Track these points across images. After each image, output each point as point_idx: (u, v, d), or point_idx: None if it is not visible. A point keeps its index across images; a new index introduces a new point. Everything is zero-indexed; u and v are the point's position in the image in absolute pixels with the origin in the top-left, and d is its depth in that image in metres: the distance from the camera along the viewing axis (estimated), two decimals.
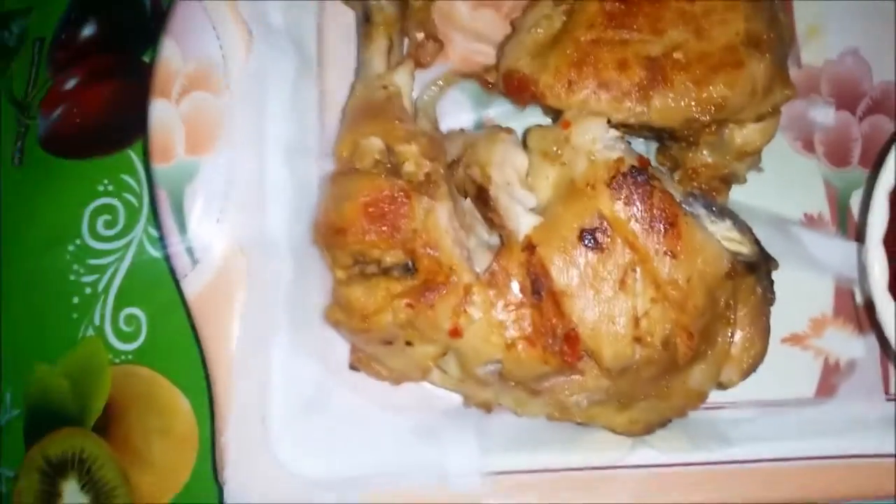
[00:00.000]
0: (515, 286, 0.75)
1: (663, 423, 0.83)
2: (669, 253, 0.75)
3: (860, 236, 0.82)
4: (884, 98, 0.92)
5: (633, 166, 0.75)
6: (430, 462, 0.81)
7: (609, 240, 0.75)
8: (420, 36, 0.90)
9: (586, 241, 0.75)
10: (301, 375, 0.83)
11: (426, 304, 0.74)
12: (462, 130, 0.89)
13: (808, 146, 0.91)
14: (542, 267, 0.75)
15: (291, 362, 0.83)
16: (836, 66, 0.93)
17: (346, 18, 0.91)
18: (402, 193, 0.76)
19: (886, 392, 0.85)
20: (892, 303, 0.74)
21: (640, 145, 0.89)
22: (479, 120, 0.91)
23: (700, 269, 0.75)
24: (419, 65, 0.90)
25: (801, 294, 0.87)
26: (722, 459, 0.82)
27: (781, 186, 0.90)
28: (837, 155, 0.91)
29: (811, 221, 0.89)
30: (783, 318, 0.87)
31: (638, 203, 0.75)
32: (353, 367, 0.84)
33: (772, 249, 0.84)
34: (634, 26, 0.78)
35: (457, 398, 0.84)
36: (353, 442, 0.83)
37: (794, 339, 0.89)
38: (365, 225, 0.76)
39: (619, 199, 0.75)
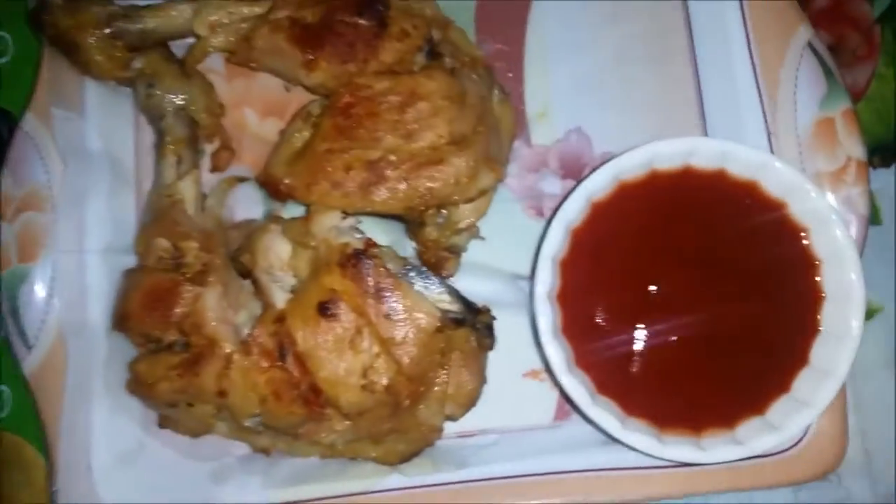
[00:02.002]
0: (267, 352, 0.94)
1: (416, 452, 1.01)
2: (387, 317, 0.93)
3: None
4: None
5: (356, 249, 0.94)
6: (220, 499, 1.00)
7: (341, 309, 0.93)
8: (215, 145, 1.10)
9: (323, 312, 0.93)
10: (120, 433, 1.02)
11: (193, 373, 0.94)
12: (251, 221, 1.09)
13: (540, 212, 1.09)
14: (288, 335, 0.94)
15: (111, 422, 1.02)
16: (563, 143, 1.11)
17: None
18: (174, 285, 0.96)
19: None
20: (556, 345, 0.92)
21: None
22: (268, 211, 1.10)
23: (415, 326, 0.93)
24: (216, 169, 1.10)
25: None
26: (457, 480, 1.00)
27: (515, 248, 1.07)
28: None
29: None
30: (523, 356, 1.06)
31: (361, 278, 0.93)
32: (161, 425, 1.03)
33: (507, 300, 1.03)
34: (357, 136, 0.96)
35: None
36: (164, 487, 1.02)
37: (533, 374, 1.07)
38: (143, 313, 0.95)
39: (346, 276, 0.94)
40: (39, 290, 1.02)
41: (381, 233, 1.07)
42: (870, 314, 1.12)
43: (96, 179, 1.06)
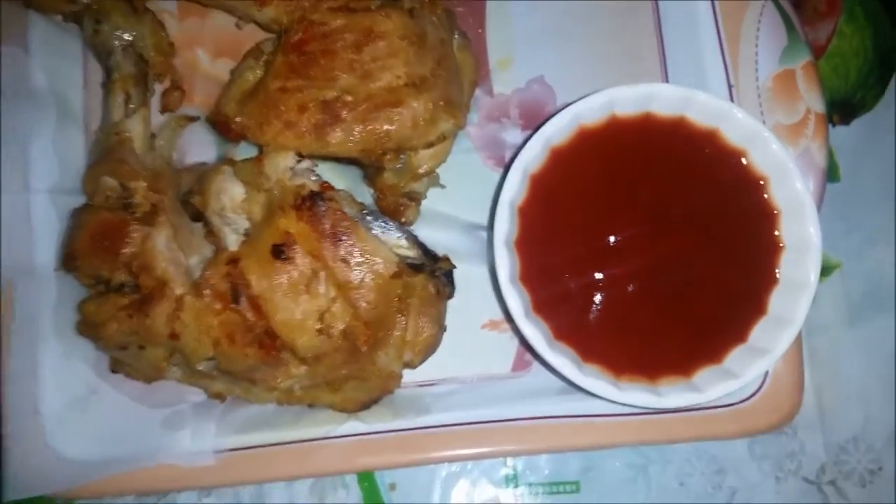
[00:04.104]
0: (220, 294, 0.92)
1: (375, 400, 1.00)
2: (344, 260, 0.91)
3: None
4: None
5: (312, 191, 0.92)
6: (173, 445, 0.98)
7: (296, 252, 0.91)
8: (165, 85, 1.07)
9: (278, 254, 0.91)
10: (72, 377, 0.99)
11: (143, 313, 0.91)
12: (203, 164, 1.05)
13: (500, 163, 1.08)
14: (242, 276, 0.91)
15: (62, 366, 0.99)
16: (524, 93, 1.09)
17: None
18: (121, 224, 0.93)
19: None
20: (514, 292, 0.91)
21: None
22: (222, 154, 1.07)
23: (372, 271, 0.91)
24: (166, 109, 1.07)
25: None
26: (418, 426, 0.99)
27: (475, 198, 1.06)
28: None
29: None
30: (482, 307, 1.05)
31: (317, 221, 0.91)
32: (113, 369, 1.00)
33: (466, 251, 1.02)
34: (311, 75, 0.93)
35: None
36: (115, 433, 0.99)
37: (492, 325, 1.06)
38: (91, 252, 0.92)
39: (302, 218, 0.91)
40: None
41: (338, 178, 1.05)
42: (827, 271, 1.13)
43: (41, 118, 1.02)
